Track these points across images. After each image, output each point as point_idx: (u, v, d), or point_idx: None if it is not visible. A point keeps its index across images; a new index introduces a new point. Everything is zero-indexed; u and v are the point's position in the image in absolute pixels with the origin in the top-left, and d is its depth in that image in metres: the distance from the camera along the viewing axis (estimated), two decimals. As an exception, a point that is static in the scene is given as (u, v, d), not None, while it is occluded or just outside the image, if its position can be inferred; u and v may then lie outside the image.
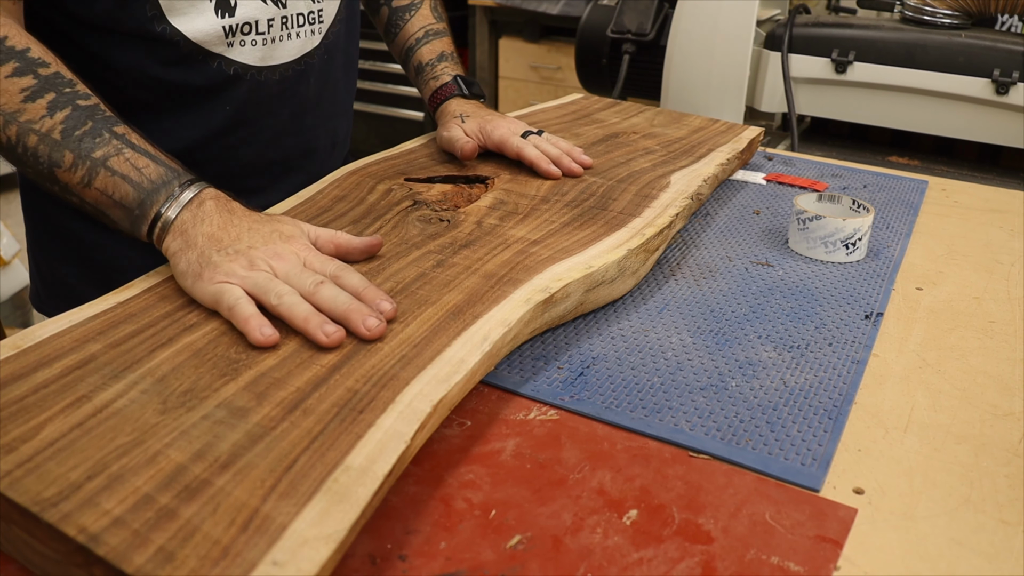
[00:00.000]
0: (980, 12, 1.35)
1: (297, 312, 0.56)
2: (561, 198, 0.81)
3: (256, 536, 0.39)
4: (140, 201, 0.62)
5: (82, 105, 0.64)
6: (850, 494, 0.51)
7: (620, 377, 0.62)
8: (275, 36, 0.81)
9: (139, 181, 0.63)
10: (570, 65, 2.66)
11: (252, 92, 0.82)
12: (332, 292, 0.57)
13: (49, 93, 0.64)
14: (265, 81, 0.82)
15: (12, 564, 0.44)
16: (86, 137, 0.63)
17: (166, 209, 0.62)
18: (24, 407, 0.47)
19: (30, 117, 0.63)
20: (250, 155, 0.86)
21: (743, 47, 1.35)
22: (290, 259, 0.60)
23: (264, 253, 0.60)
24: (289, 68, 0.84)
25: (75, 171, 0.63)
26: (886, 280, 0.79)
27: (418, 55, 1.01)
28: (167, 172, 0.64)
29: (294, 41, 0.83)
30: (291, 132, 0.89)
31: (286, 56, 0.83)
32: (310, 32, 0.85)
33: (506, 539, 0.46)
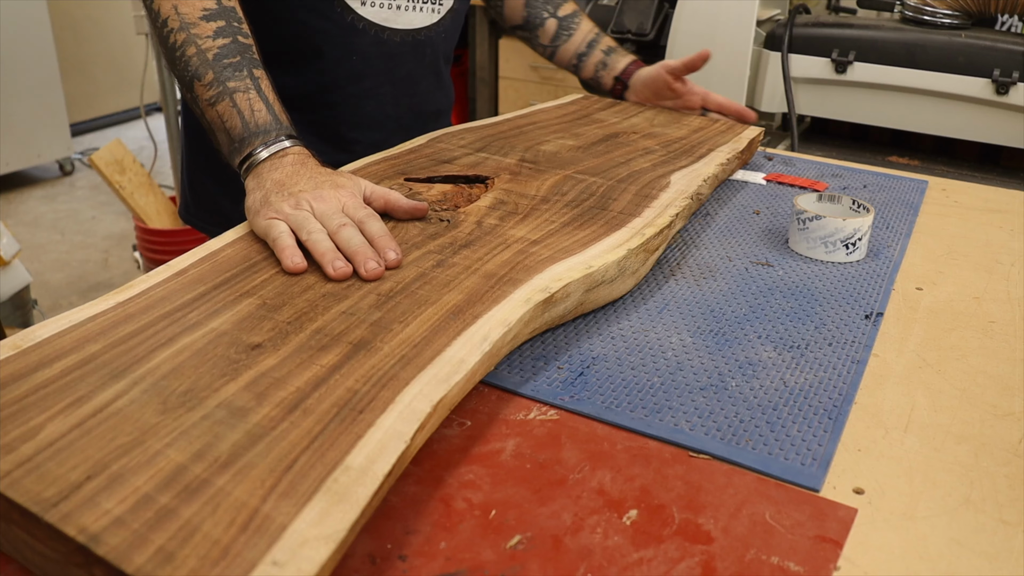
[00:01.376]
0: (980, 12, 1.35)
1: (318, 247, 0.64)
2: (561, 198, 0.81)
3: (256, 536, 0.39)
4: (242, 137, 0.74)
5: (241, 41, 0.77)
6: (850, 494, 0.51)
7: (620, 377, 0.62)
8: (400, 4, 0.98)
9: (248, 121, 0.74)
10: (570, 65, 2.66)
11: (376, 47, 0.98)
12: (349, 233, 0.65)
13: (221, 20, 0.77)
14: (388, 41, 0.99)
15: (12, 564, 0.44)
16: (230, 67, 0.75)
17: (258, 152, 0.73)
18: (24, 407, 0.47)
19: (199, 32, 0.76)
20: (370, 107, 1.02)
21: (743, 47, 1.35)
22: (330, 202, 0.68)
23: (311, 196, 0.69)
24: (409, 35, 1.00)
25: (209, 89, 0.75)
26: (886, 280, 0.79)
27: (604, 41, 1.24)
28: (273, 122, 0.74)
29: (415, 14, 1.00)
30: (406, 94, 1.05)
31: (407, 24, 1.00)
32: (430, 10, 1.01)
33: (506, 539, 0.46)
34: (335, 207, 0.68)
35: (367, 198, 0.72)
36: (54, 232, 3.08)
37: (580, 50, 1.22)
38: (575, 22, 1.23)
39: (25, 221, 3.16)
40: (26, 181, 3.52)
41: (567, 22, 1.22)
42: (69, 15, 3.78)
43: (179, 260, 0.65)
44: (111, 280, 2.75)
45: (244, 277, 0.63)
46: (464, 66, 3.10)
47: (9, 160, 3.31)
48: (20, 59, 3.22)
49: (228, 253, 0.67)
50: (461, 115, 3.11)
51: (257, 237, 0.69)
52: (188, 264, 0.64)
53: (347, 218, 0.67)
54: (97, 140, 3.96)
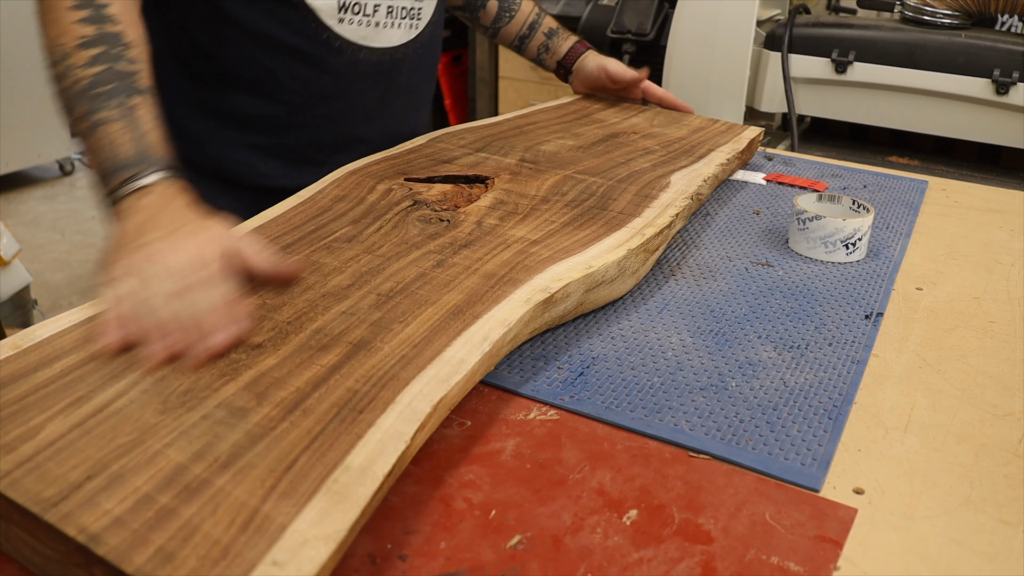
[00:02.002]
0: (980, 12, 1.35)
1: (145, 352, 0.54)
2: (561, 198, 0.81)
3: (256, 536, 0.39)
4: (106, 173, 0.65)
5: (118, 69, 0.68)
6: (850, 494, 0.51)
7: (620, 377, 0.62)
8: (379, 21, 0.91)
9: (113, 155, 0.65)
10: (570, 65, 2.66)
11: (351, 67, 0.91)
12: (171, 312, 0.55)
13: (98, 47, 0.69)
14: (364, 60, 0.92)
15: (12, 564, 0.44)
16: (101, 97, 0.67)
17: (120, 190, 0.64)
18: (24, 407, 0.47)
19: (74, 62, 0.68)
20: (341, 128, 0.95)
21: (743, 47, 1.35)
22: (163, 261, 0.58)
23: (150, 251, 0.58)
24: (387, 53, 0.94)
25: (81, 122, 0.67)
26: (886, 280, 0.79)
27: (546, 23, 1.23)
28: (138, 156, 0.65)
29: (394, 30, 0.93)
30: (380, 115, 0.98)
31: (385, 42, 0.93)
32: (408, 26, 0.95)
33: (506, 539, 0.46)
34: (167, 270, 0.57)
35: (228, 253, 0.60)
36: (54, 232, 3.08)
37: (522, 32, 1.21)
38: (516, 3, 1.20)
39: (25, 221, 3.16)
40: (26, 181, 3.52)
41: (507, 3, 1.20)
42: (69, 15, 3.78)
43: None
44: (111, 280, 2.74)
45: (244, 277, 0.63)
46: (464, 66, 3.10)
47: (9, 160, 3.31)
48: (20, 59, 3.22)
49: (228, 253, 0.66)
50: (461, 115, 3.11)
51: (257, 236, 0.69)
52: (188, 264, 0.64)
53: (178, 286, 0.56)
54: (97, 140, 3.95)
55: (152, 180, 0.64)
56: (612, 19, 1.49)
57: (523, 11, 1.21)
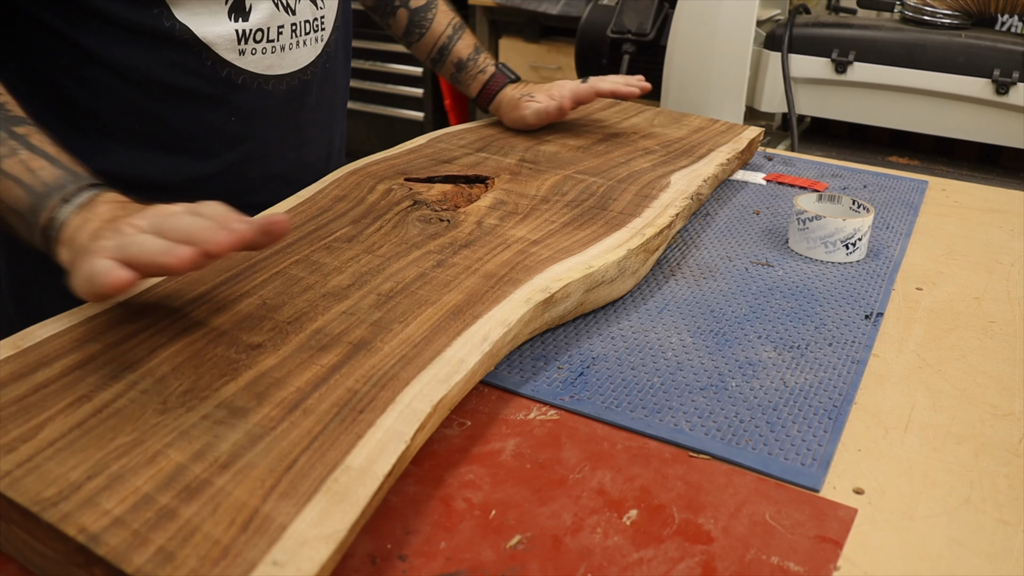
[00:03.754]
0: (980, 12, 1.35)
1: (147, 248, 0.48)
2: (561, 198, 0.81)
3: (256, 536, 0.39)
4: (32, 206, 0.56)
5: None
6: (850, 494, 0.51)
7: (620, 377, 0.62)
8: (284, 44, 0.79)
9: (31, 184, 0.56)
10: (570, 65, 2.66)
11: (258, 102, 0.79)
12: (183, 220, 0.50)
13: None
14: (272, 91, 0.80)
15: (12, 564, 0.44)
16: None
17: (58, 212, 0.56)
18: (24, 407, 0.47)
19: None
20: (253, 169, 0.83)
21: (743, 47, 1.35)
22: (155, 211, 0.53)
23: (132, 218, 0.52)
24: (295, 78, 0.82)
25: None
26: (886, 280, 0.79)
27: (456, 51, 1.04)
28: (64, 175, 0.57)
29: (300, 50, 0.81)
30: (293, 145, 0.86)
31: (291, 66, 0.81)
32: (314, 40, 0.83)
33: (506, 539, 0.46)
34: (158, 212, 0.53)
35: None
36: (54, 232, 3.07)
37: (433, 55, 1.05)
38: (428, 18, 1.02)
39: (25, 221, 3.15)
40: (26, 181, 3.51)
41: (418, 17, 1.02)
42: (69, 15, 3.78)
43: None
44: (111, 280, 2.74)
45: (244, 277, 0.63)
46: (464, 66, 3.10)
47: (9, 160, 3.30)
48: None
49: (228, 253, 0.66)
50: (461, 115, 3.11)
51: None
52: (188, 264, 0.64)
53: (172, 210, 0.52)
54: (97, 140, 3.95)
55: (95, 192, 0.57)
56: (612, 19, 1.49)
57: (434, 31, 1.03)
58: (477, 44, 1.06)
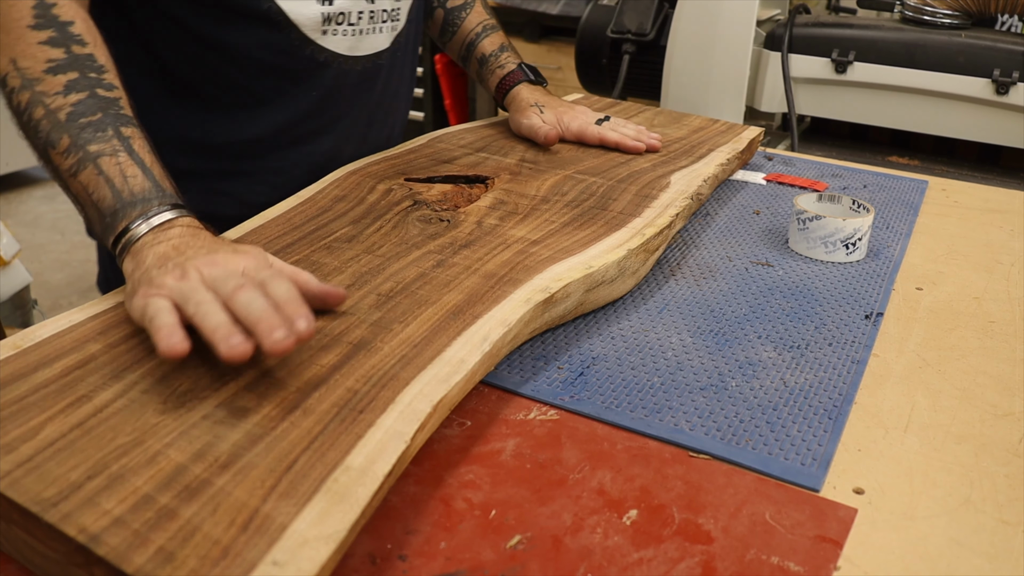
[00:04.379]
0: (980, 12, 1.35)
1: (207, 321, 0.50)
2: (561, 198, 0.81)
3: (256, 536, 0.39)
4: (114, 210, 0.58)
5: (101, 95, 0.62)
6: (850, 494, 0.51)
7: (620, 377, 0.62)
8: (363, 28, 0.86)
9: (120, 189, 0.59)
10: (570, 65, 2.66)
11: (336, 80, 0.86)
12: (248, 297, 0.51)
13: (72, 72, 0.62)
14: (349, 71, 0.86)
15: (12, 564, 0.44)
16: (89, 127, 0.60)
17: (135, 225, 0.58)
18: (24, 407, 0.47)
19: (45, 89, 0.61)
20: (327, 144, 0.90)
21: (743, 47, 1.35)
22: (224, 264, 0.54)
23: (202, 262, 0.54)
24: (370, 61, 0.88)
25: (67, 157, 0.60)
26: (886, 280, 0.79)
27: (480, 47, 1.05)
28: (152, 188, 0.59)
29: (377, 36, 0.88)
30: (363, 124, 0.93)
31: (368, 49, 0.88)
32: (390, 29, 0.89)
33: (506, 539, 0.46)
34: (227, 269, 0.53)
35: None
36: (54, 232, 3.07)
37: (462, 53, 1.07)
38: (461, 16, 1.06)
39: (25, 221, 3.16)
40: (26, 181, 3.52)
41: (453, 16, 1.06)
42: (69, 15, 3.78)
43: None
44: (111, 280, 2.74)
45: (244, 277, 0.63)
46: (464, 66, 3.10)
47: (9, 160, 3.31)
48: (20, 59, 3.22)
49: (228, 253, 0.66)
50: (461, 115, 3.11)
51: (256, 236, 0.69)
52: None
53: (243, 279, 0.53)
54: (97, 140, 3.95)
55: (173, 215, 0.59)
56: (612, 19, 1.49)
57: (464, 28, 1.06)
58: (505, 43, 1.07)
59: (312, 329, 0.50)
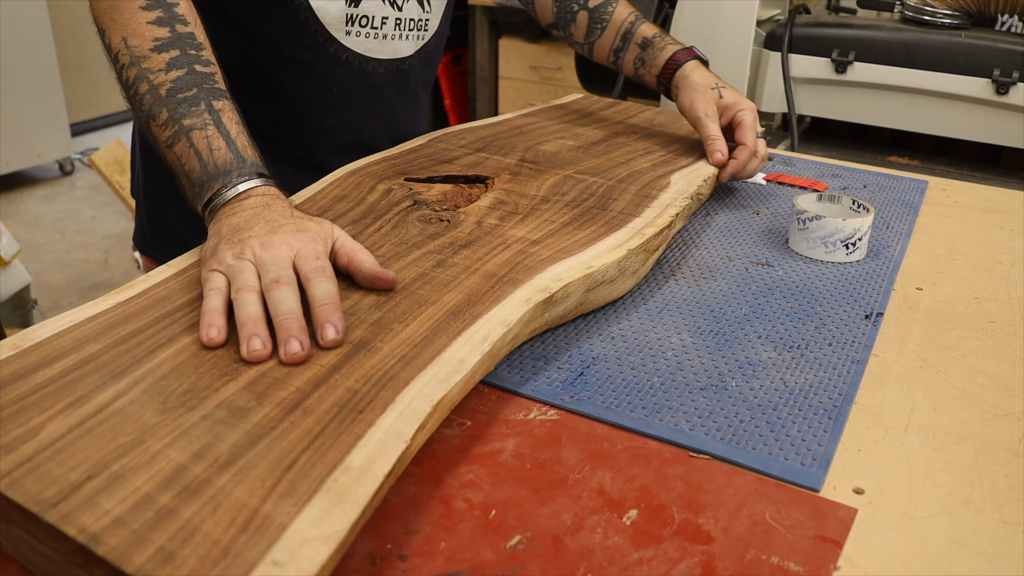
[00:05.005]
0: (980, 12, 1.35)
1: (242, 311, 0.54)
2: (561, 198, 0.81)
3: (256, 536, 0.39)
4: (201, 181, 0.65)
5: (198, 70, 0.68)
6: (850, 494, 0.51)
7: (620, 377, 0.62)
8: (387, 33, 0.90)
9: (207, 161, 0.65)
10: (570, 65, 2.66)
11: (359, 78, 0.90)
12: (281, 296, 0.55)
13: (175, 50, 0.68)
14: (371, 72, 0.91)
15: (12, 564, 0.44)
16: (185, 102, 0.66)
17: (220, 195, 0.63)
18: (24, 407, 0.47)
19: (150, 66, 0.67)
20: (344, 139, 0.94)
21: (743, 47, 1.35)
22: (277, 248, 0.58)
23: (259, 241, 0.59)
24: (393, 65, 0.92)
25: (165, 129, 0.66)
26: (886, 280, 0.79)
27: (640, 32, 1.03)
28: (234, 160, 0.65)
29: (401, 42, 0.92)
30: (385, 124, 0.98)
31: (391, 54, 0.92)
32: (416, 38, 0.93)
33: (506, 539, 0.46)
34: (281, 255, 0.58)
35: (334, 250, 0.62)
36: (54, 232, 3.08)
37: (615, 45, 1.04)
38: (608, 11, 1.04)
39: (25, 221, 3.16)
40: (26, 181, 3.52)
41: (598, 13, 1.05)
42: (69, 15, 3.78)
43: (179, 260, 0.65)
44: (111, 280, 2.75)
45: (244, 277, 0.63)
46: (464, 66, 3.10)
47: (9, 160, 3.31)
48: (20, 59, 3.22)
49: (228, 253, 0.66)
50: (461, 115, 3.11)
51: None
52: (188, 264, 0.64)
53: (288, 271, 0.57)
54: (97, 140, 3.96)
55: (251, 185, 0.64)
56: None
57: (615, 20, 1.04)
58: (659, 31, 1.05)
59: (339, 338, 0.54)
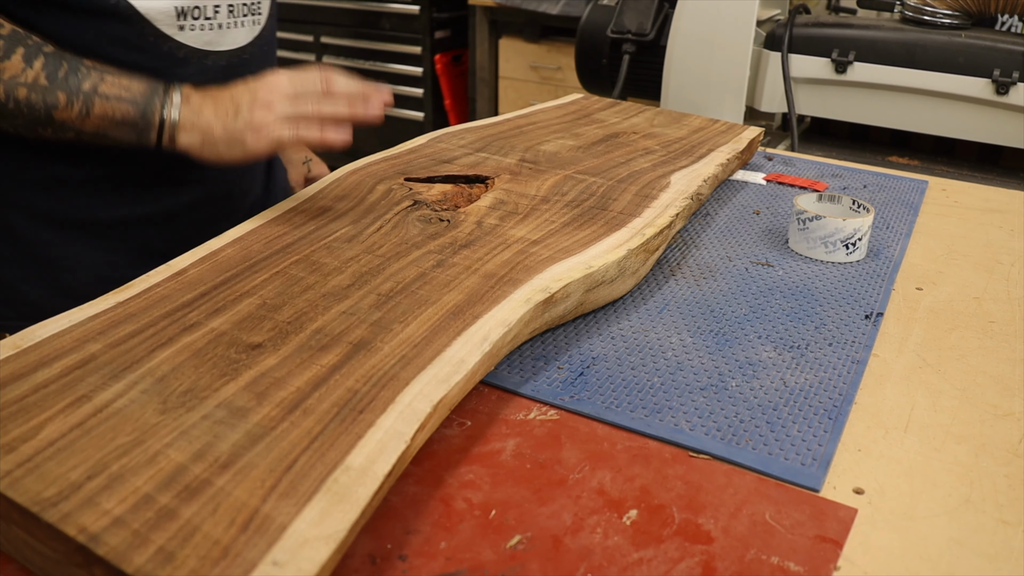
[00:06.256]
0: (980, 12, 1.35)
1: (339, 109, 0.69)
2: (561, 198, 0.81)
3: (256, 536, 0.39)
4: (141, 113, 0.70)
5: (49, 52, 0.70)
6: (850, 494, 0.51)
7: (620, 377, 0.62)
8: (222, 23, 0.85)
9: (132, 98, 0.70)
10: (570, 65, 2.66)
11: (199, 76, 0.82)
12: (342, 83, 0.69)
13: (18, 48, 0.69)
14: (212, 66, 0.84)
15: (12, 564, 0.44)
16: (69, 76, 0.70)
17: (167, 112, 0.70)
18: (24, 407, 0.47)
19: (12, 73, 0.68)
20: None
21: (743, 47, 1.35)
22: (283, 82, 0.69)
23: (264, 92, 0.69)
24: (234, 55, 0.87)
25: (72, 107, 0.69)
26: (886, 280, 0.79)
27: None
28: (148, 84, 0.71)
29: (239, 30, 0.87)
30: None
31: (230, 44, 0.86)
32: (252, 23, 0.89)
33: (506, 539, 0.46)
34: (292, 82, 0.69)
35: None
36: (54, 232, 3.07)
37: None
38: None
39: (25, 221, 3.15)
40: (26, 181, 3.51)
41: None
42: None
43: (179, 260, 0.65)
44: None
45: (244, 277, 0.63)
46: (464, 66, 3.10)
47: (9, 160, 3.30)
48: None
49: (228, 253, 0.67)
50: (461, 115, 3.11)
51: (257, 236, 0.69)
52: (188, 264, 0.64)
53: (316, 78, 0.69)
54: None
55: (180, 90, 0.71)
56: (612, 19, 1.49)
57: None
58: None
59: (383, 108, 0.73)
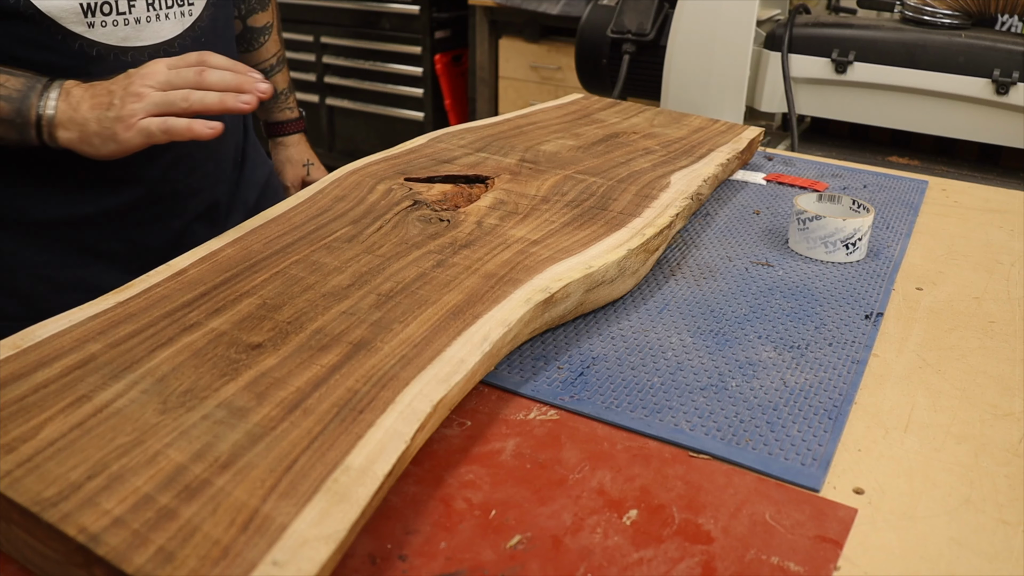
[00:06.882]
0: (980, 12, 1.35)
1: (209, 101, 0.66)
2: (561, 198, 0.81)
3: (256, 536, 0.39)
4: (16, 110, 0.69)
5: None
6: (850, 494, 0.51)
7: (620, 377, 0.62)
8: (139, 17, 0.79)
9: (7, 95, 0.69)
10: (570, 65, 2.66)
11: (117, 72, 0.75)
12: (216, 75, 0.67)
13: None
14: (132, 62, 0.79)
15: (12, 564, 0.44)
16: None
17: (43, 108, 0.69)
18: (24, 407, 0.47)
19: None
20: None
21: (743, 47, 1.35)
22: (158, 70, 0.68)
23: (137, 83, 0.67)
24: (158, 50, 0.82)
25: None
26: (886, 280, 0.79)
27: (274, 81, 1.15)
28: (27, 80, 0.70)
29: (163, 23, 0.82)
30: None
31: (151, 39, 0.81)
32: (179, 14, 0.83)
33: (506, 539, 0.46)
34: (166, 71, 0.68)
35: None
36: (54, 232, 3.07)
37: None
38: (260, 41, 1.11)
39: (25, 221, 3.15)
40: (26, 181, 3.51)
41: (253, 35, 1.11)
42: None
43: (179, 260, 0.65)
44: (111, 280, 2.74)
45: (244, 277, 0.63)
46: (464, 66, 3.10)
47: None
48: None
49: (228, 253, 0.67)
50: (461, 115, 3.11)
51: (257, 236, 0.69)
52: (188, 264, 0.64)
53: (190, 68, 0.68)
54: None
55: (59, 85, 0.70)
56: (612, 19, 1.49)
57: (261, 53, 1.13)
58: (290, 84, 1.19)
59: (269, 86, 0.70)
